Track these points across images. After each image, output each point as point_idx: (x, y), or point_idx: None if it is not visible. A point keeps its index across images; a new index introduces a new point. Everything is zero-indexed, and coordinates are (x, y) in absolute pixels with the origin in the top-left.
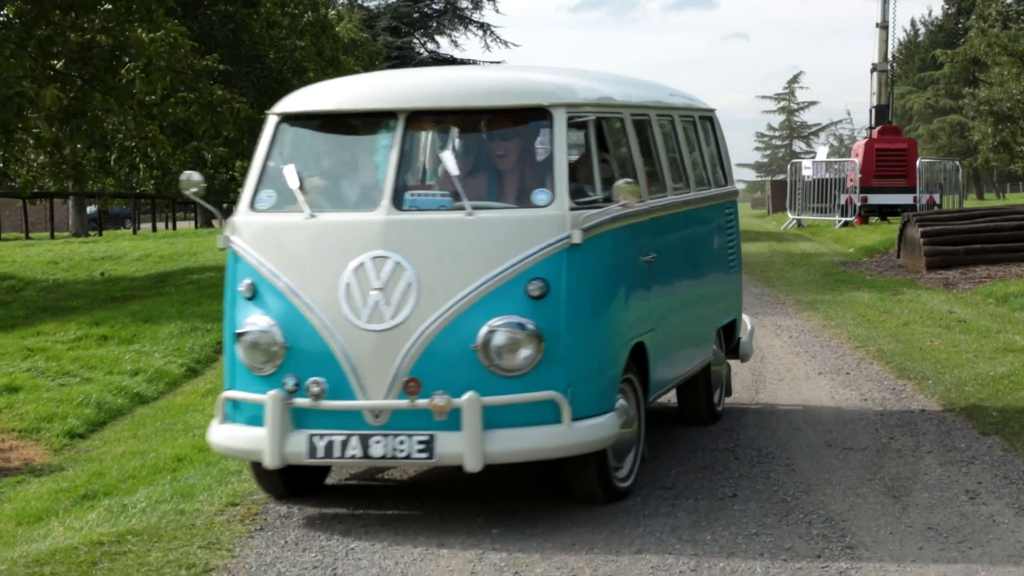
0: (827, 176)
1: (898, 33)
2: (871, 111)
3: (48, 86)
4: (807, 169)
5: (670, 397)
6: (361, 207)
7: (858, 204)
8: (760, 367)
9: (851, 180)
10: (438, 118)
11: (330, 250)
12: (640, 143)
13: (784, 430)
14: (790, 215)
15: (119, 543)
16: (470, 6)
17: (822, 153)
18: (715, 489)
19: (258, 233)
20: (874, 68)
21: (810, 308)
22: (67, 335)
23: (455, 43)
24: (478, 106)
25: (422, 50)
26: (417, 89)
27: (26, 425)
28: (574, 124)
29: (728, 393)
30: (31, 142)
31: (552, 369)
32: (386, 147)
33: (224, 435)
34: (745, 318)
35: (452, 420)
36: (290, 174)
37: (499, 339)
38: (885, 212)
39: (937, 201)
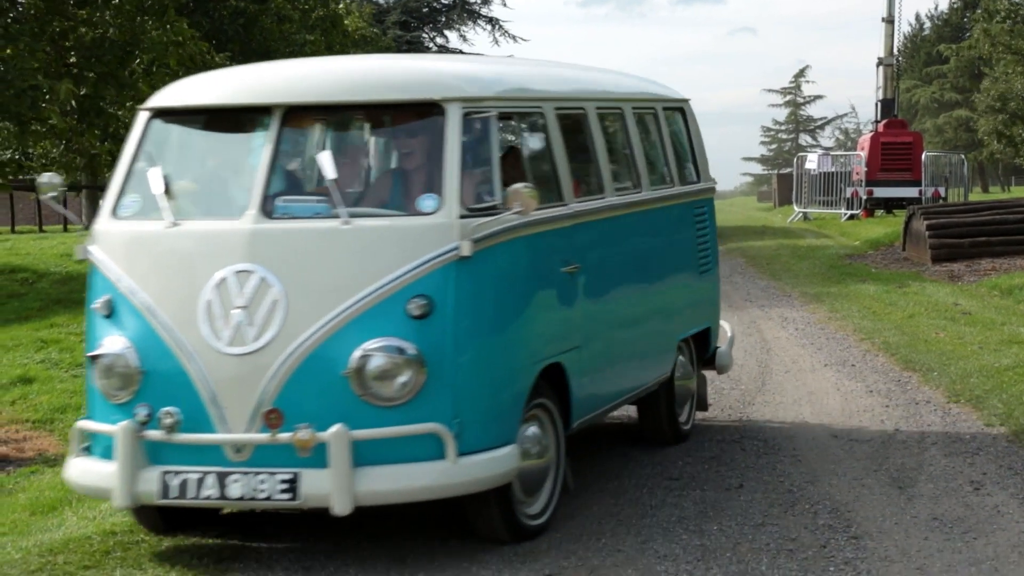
0: (833, 169)
1: (903, 27)
2: (877, 105)
3: (63, 79)
4: (811, 163)
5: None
6: (227, 215)
7: (864, 197)
8: (766, 359)
9: (857, 173)
10: (318, 114)
11: (191, 263)
12: (569, 139)
13: (790, 421)
14: (796, 208)
15: (132, 532)
16: (479, 1)
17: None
18: (721, 480)
19: (117, 243)
20: (880, 62)
21: (816, 300)
22: (80, 327)
23: (464, 37)
24: (362, 101)
25: (431, 44)
26: (295, 82)
27: (40, 416)
28: (474, 120)
29: (703, 408)
30: (43, 131)
31: (436, 398)
32: (262, 147)
33: (78, 470)
34: (725, 325)
35: (320, 456)
36: (154, 177)
37: (374, 364)
38: (891, 205)
39: (942, 194)
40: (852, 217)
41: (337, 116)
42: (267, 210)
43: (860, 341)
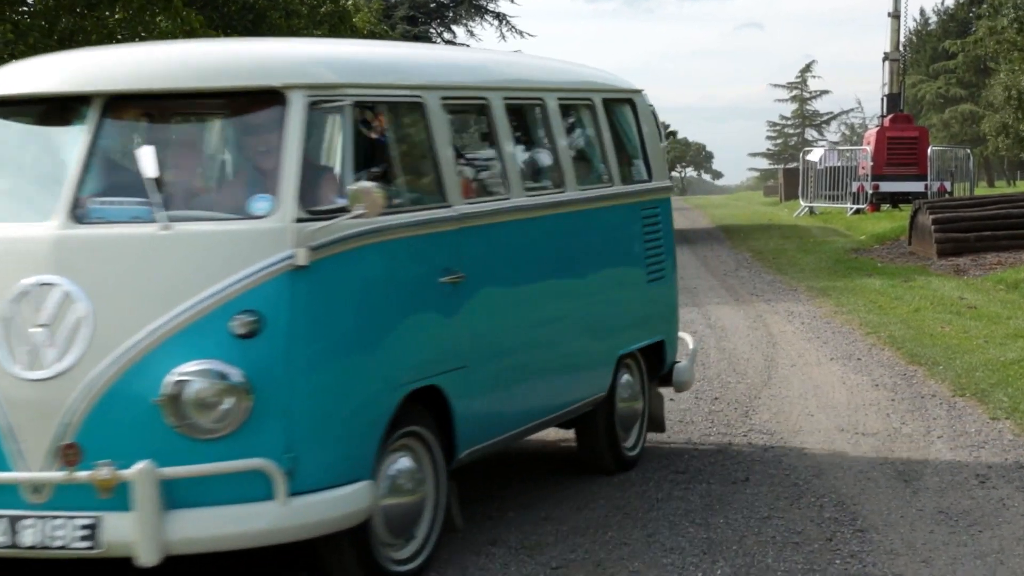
0: (839, 164)
1: (908, 22)
2: (883, 100)
3: None
4: (813, 155)
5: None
6: (34, 218)
7: (870, 192)
8: (772, 353)
9: (863, 168)
10: (145, 105)
11: None
12: (462, 133)
13: (796, 415)
14: (802, 203)
15: None
16: None
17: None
18: (728, 473)
19: None
20: (886, 57)
21: (822, 295)
22: None
23: (471, 33)
24: (191, 88)
25: (438, 40)
26: (117, 68)
27: None
28: (323, 110)
29: (659, 429)
30: None
31: (264, 430)
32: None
33: None
34: (686, 337)
35: (126, 498)
36: None
37: (190, 391)
38: (896, 199)
39: (948, 189)
40: (858, 212)
41: (165, 106)
42: (78, 214)
43: (866, 335)
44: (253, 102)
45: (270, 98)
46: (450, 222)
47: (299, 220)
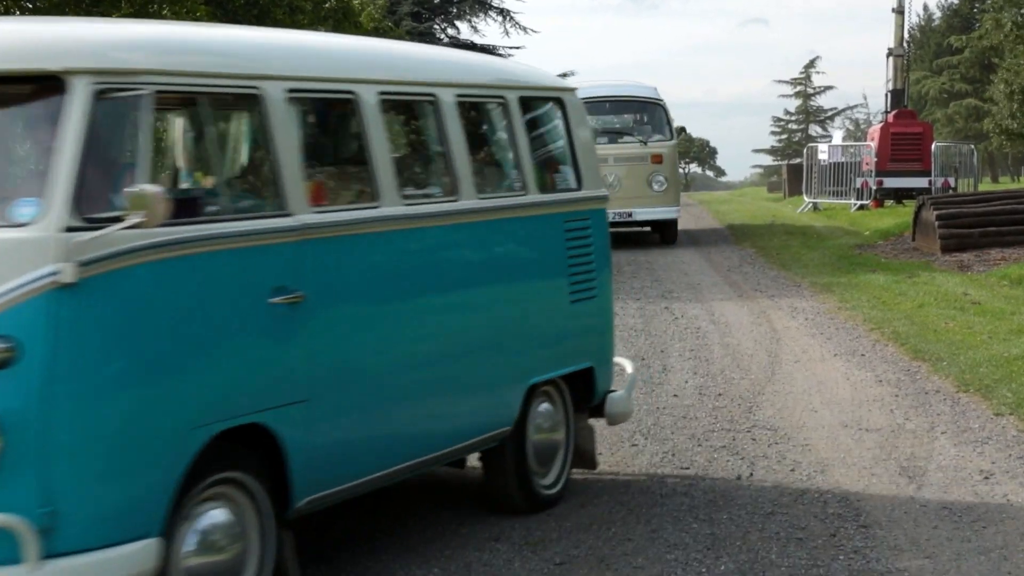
0: (843, 160)
1: (912, 18)
2: (887, 95)
3: None
4: (822, 153)
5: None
6: None
7: (873, 187)
8: (776, 349)
9: (867, 164)
10: None
11: None
12: (316, 131)
13: (800, 411)
14: (806, 198)
15: None
16: None
17: (838, 137)
18: (731, 469)
19: None
20: (890, 53)
21: (826, 290)
22: None
23: (475, 28)
24: None
25: (443, 35)
26: None
27: None
28: (115, 100)
29: (589, 465)
30: None
31: (14, 479)
32: None
33: None
34: (625, 363)
35: None
36: None
37: None
38: (900, 195)
39: (952, 184)
40: (862, 207)
41: None
42: None
43: (869, 331)
44: (31, 90)
45: (50, 85)
46: (286, 233)
47: (70, 229)
